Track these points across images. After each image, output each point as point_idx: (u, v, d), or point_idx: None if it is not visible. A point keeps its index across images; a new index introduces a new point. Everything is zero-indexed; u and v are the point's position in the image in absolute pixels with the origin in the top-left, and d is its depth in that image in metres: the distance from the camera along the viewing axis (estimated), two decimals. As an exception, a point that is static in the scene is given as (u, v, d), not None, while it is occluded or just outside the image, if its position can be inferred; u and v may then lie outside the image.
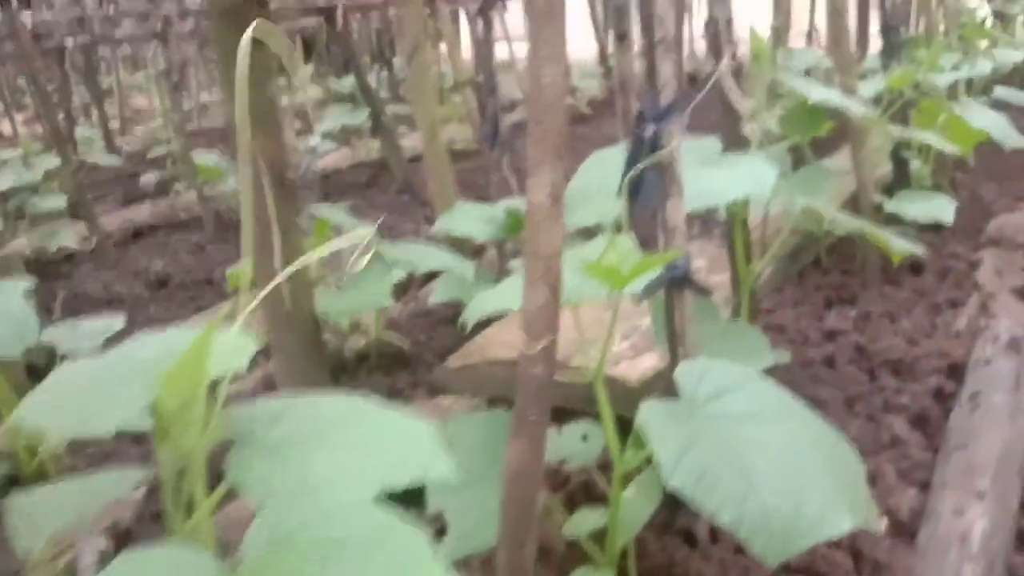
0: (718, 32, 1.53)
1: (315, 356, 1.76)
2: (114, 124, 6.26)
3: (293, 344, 1.71)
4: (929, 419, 1.66)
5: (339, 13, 4.47)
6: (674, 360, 1.27)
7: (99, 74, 7.34)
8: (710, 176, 1.33)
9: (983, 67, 3.45)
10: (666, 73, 1.10)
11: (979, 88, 3.67)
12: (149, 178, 4.38)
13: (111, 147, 5.42)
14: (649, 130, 1.11)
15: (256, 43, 1.63)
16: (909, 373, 1.79)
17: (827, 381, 1.77)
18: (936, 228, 2.57)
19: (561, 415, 1.71)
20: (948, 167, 3.02)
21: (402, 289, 2.18)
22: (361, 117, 4.70)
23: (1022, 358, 1.79)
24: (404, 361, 1.95)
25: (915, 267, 2.29)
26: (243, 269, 1.06)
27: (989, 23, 4.34)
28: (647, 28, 1.06)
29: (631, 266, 1.01)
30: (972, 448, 1.52)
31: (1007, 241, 2.51)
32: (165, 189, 4.34)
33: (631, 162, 1.15)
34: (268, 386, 1.83)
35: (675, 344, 1.26)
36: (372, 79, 5.48)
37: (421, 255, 1.79)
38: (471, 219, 2.14)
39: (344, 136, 5.09)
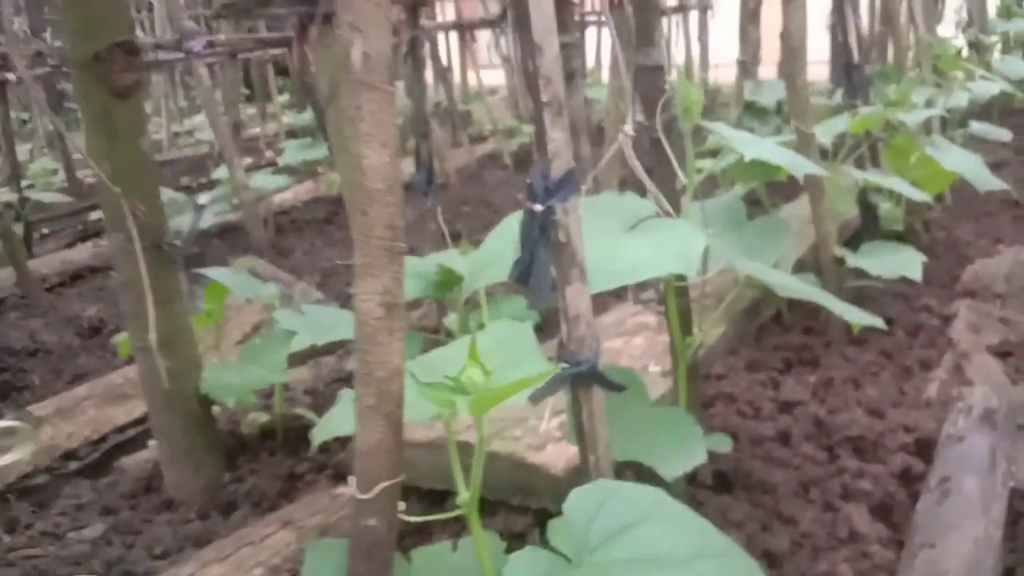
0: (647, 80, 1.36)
1: (203, 438, 1.57)
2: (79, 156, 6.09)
3: (176, 426, 1.52)
4: (893, 507, 1.48)
5: (295, 46, 4.31)
6: (584, 468, 1.09)
7: (64, 105, 7.19)
8: (627, 248, 1.15)
9: (959, 99, 3.30)
10: (557, 140, 0.93)
11: (955, 121, 3.52)
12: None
13: (73, 181, 5.25)
14: (538, 207, 0.93)
15: (126, 94, 1.46)
16: (872, 451, 1.61)
17: (780, 461, 1.58)
18: (907, 278, 2.40)
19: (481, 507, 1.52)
20: (921, 208, 2.85)
21: (322, 350, 1.99)
22: (322, 150, 4.53)
23: (998, 434, 1.61)
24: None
25: (884, 322, 2.11)
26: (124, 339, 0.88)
27: (964, 53, 4.21)
28: (533, 88, 0.89)
29: (488, 392, 0.83)
30: (941, 547, 1.33)
31: (984, 291, 2.33)
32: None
33: (524, 244, 0.97)
34: (156, 472, 1.64)
35: (584, 450, 1.07)
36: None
37: (330, 321, 1.60)
38: (418, 275, 1.95)
39: (310, 170, 4.92)
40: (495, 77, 7.40)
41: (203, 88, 3.86)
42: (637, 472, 1.19)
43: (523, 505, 1.47)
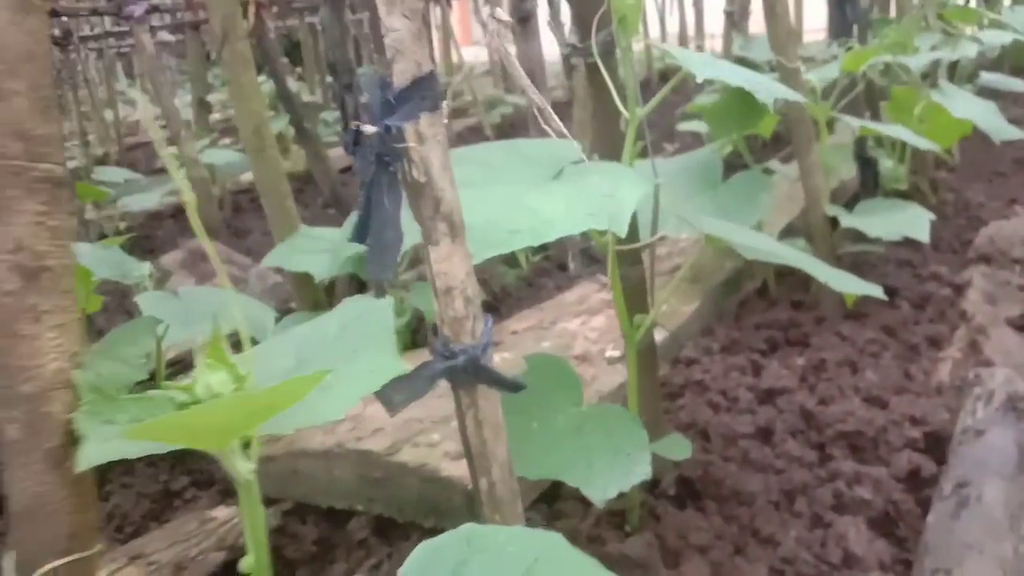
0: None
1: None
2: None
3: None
4: (898, 521, 1.19)
5: (250, 10, 4.00)
6: (475, 493, 0.80)
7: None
8: (537, 200, 0.86)
9: (968, 50, 2.99)
10: (399, 33, 0.64)
11: (964, 75, 3.21)
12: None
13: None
14: (372, 128, 0.64)
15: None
16: (872, 450, 1.32)
17: (759, 464, 1.30)
18: (912, 241, 2.10)
19: (388, 531, 1.24)
20: (928, 166, 2.55)
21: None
22: (282, 122, 4.22)
23: (1024, 425, 1.32)
24: (207, 443, 1.47)
25: (886, 292, 1.81)
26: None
27: (973, 2, 3.89)
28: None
29: (238, 403, 0.54)
30: (958, 574, 1.05)
31: (1000, 256, 2.04)
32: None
33: (361, 186, 0.69)
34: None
35: (473, 473, 0.79)
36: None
37: (210, 306, 1.31)
38: (312, 251, 1.67)
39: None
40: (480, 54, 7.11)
41: (145, 56, 3.56)
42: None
43: (439, 528, 1.19)
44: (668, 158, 1.79)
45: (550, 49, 2.47)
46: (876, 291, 1.11)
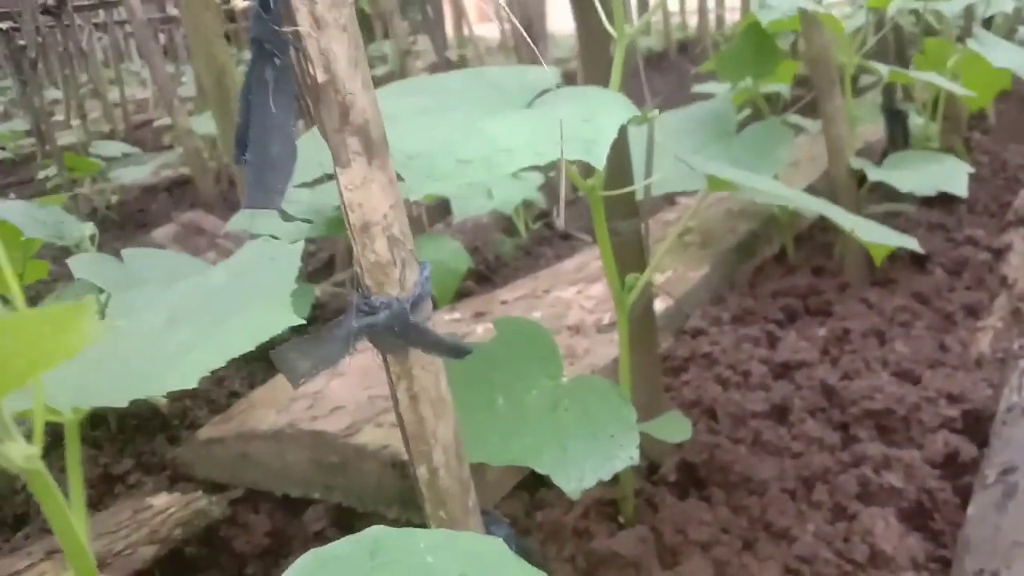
0: None
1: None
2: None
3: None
4: (933, 513, 1.03)
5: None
6: (414, 483, 0.65)
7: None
8: (496, 127, 0.70)
9: (1003, 3, 2.78)
10: None
11: (1000, 34, 3.00)
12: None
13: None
14: (245, 4, 0.48)
15: None
16: (903, 431, 1.16)
17: (773, 447, 1.14)
18: (946, 203, 1.93)
19: (348, 522, 1.09)
20: (961, 124, 2.36)
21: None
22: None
23: (1079, 402, 1.15)
24: (158, 426, 1.34)
25: (917, 259, 1.64)
26: None
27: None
28: None
29: None
30: (1006, 576, 0.89)
31: (1043, 218, 1.85)
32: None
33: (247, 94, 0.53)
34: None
35: (410, 455, 0.64)
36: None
37: (155, 270, 1.17)
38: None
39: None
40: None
41: (136, 23, 3.42)
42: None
43: (404, 520, 1.04)
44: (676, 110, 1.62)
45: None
46: (911, 243, 0.95)
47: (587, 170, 0.86)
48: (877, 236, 0.92)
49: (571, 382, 0.85)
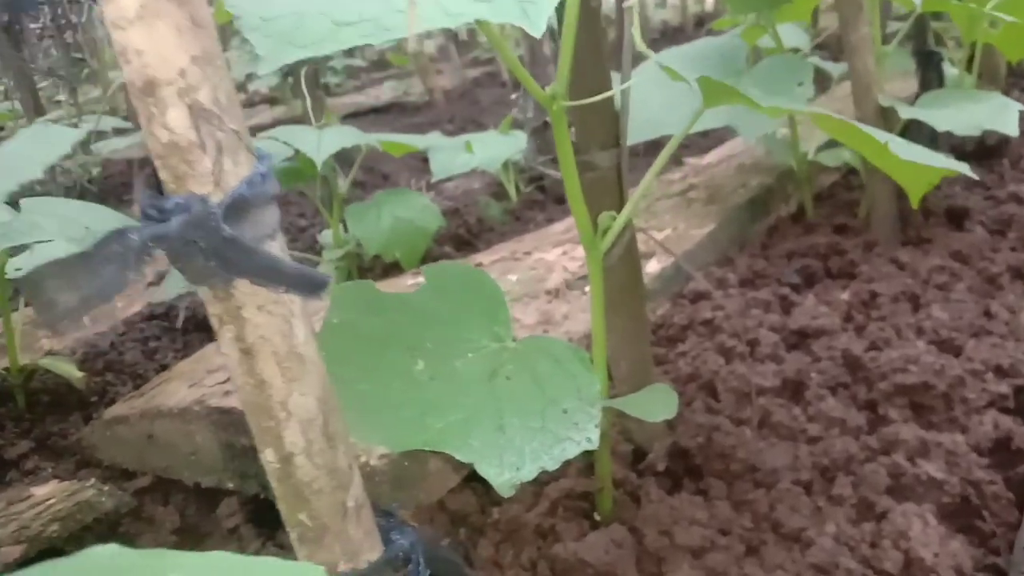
0: None
1: None
2: None
3: None
4: (982, 510, 0.84)
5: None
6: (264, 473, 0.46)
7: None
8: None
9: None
10: None
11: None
12: None
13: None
14: None
15: None
16: (943, 410, 0.96)
17: (785, 429, 0.94)
18: (985, 158, 1.71)
19: (266, 517, 0.91)
20: (1000, 79, 2.13)
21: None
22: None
23: None
24: (75, 403, 1.16)
25: (954, 215, 1.44)
26: None
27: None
28: None
29: None
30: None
31: (1098, 173, 1.64)
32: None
33: None
34: None
35: (259, 436, 0.45)
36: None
37: (53, 222, 0.99)
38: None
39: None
40: None
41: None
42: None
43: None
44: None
45: None
46: (961, 167, 0.75)
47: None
48: (917, 155, 0.72)
49: (520, 344, 0.66)
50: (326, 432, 0.46)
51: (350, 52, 5.71)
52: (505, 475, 0.54)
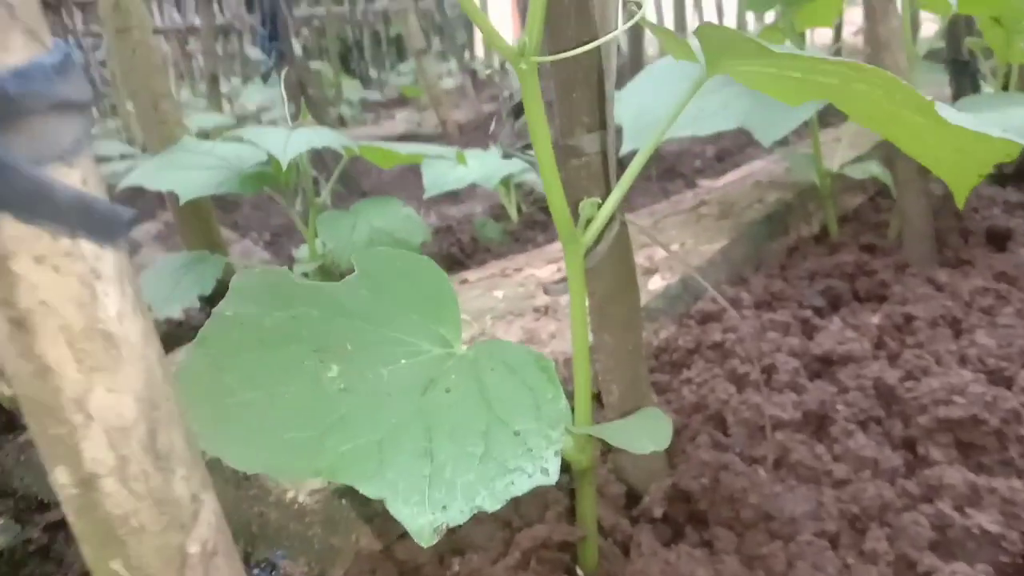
0: None
1: None
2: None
3: None
4: (1050, 572, 0.68)
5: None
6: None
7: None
8: None
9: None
10: None
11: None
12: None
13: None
14: None
15: None
16: (997, 450, 0.81)
17: (806, 471, 0.79)
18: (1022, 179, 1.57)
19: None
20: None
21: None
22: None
23: None
24: (2, 424, 1.03)
25: (995, 236, 1.29)
26: None
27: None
28: None
29: None
30: None
31: None
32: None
33: None
34: None
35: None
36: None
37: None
38: (191, 167, 1.22)
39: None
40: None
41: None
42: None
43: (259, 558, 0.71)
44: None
45: None
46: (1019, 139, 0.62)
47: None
48: (968, 122, 0.58)
49: (471, 351, 0.52)
50: (152, 447, 0.32)
51: (367, 85, 5.68)
52: (426, 516, 0.40)
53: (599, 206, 0.64)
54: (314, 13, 5.48)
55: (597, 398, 0.87)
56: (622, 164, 0.70)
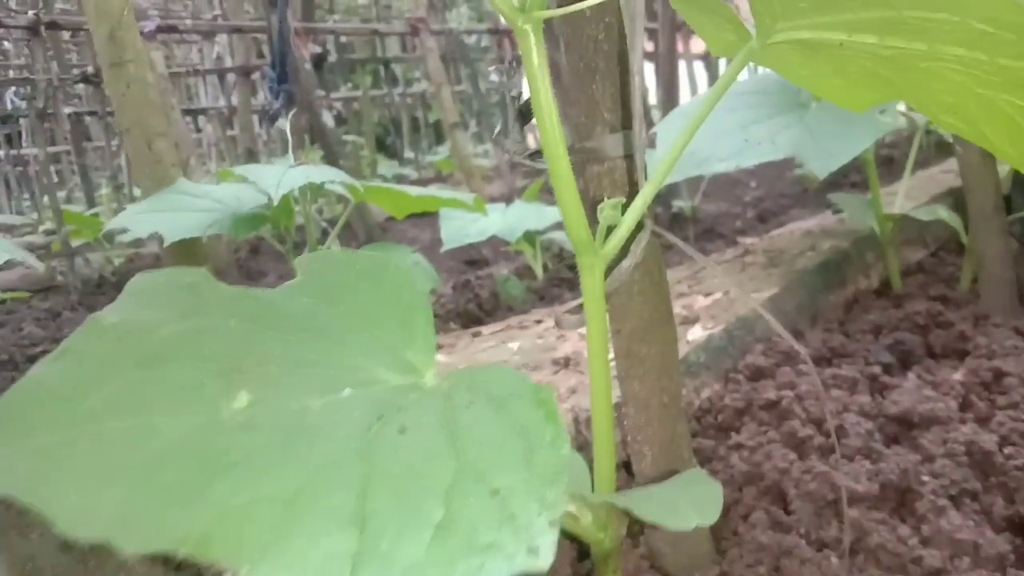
0: None
1: None
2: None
3: None
4: None
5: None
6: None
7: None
8: None
9: None
10: None
11: None
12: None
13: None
14: None
15: None
16: None
17: (888, 557, 0.63)
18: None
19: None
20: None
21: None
22: (315, 156, 3.82)
23: None
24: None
25: (1087, 289, 1.12)
26: None
27: None
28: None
29: None
30: None
31: None
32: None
33: None
34: None
35: None
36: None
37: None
38: (182, 209, 1.12)
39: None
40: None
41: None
42: None
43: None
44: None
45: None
46: None
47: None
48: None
49: (444, 381, 0.38)
50: None
51: (403, 164, 5.66)
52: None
53: (621, 208, 0.50)
54: (353, 96, 5.53)
55: (626, 467, 0.72)
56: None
